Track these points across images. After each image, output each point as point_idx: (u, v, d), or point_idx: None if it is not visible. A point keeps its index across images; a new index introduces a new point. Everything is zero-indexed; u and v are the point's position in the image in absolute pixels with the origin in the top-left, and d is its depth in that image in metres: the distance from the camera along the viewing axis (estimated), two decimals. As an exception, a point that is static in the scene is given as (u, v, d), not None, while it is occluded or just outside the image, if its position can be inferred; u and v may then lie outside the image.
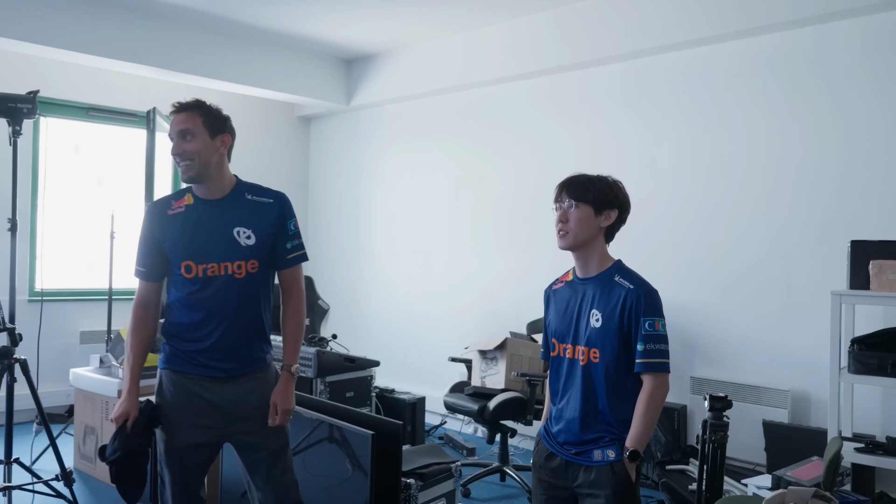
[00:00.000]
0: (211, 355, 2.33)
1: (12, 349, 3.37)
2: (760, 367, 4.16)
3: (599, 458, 2.08)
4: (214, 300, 2.31)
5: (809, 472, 3.23)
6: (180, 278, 2.33)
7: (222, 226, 2.33)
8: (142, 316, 2.40)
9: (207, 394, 2.33)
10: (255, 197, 2.39)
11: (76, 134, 6.01)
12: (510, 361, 4.28)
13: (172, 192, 2.43)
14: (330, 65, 6.44)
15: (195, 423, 2.32)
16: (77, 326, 5.74)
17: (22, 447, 4.17)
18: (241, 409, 2.35)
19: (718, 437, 2.77)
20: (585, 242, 2.14)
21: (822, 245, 3.95)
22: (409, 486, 3.18)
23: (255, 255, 2.34)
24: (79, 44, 4.98)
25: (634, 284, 2.09)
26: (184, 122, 2.33)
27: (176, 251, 2.33)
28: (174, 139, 2.33)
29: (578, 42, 4.89)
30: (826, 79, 3.98)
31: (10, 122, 3.55)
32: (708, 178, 4.42)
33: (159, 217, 2.37)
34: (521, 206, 5.40)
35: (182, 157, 2.30)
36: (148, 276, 2.39)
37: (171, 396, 2.35)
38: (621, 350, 2.07)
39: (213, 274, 2.30)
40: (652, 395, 2.04)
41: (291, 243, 2.42)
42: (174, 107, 2.37)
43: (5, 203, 3.68)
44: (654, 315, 2.05)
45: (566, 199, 2.14)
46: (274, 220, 2.38)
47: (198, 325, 2.33)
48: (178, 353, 2.36)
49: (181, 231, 2.33)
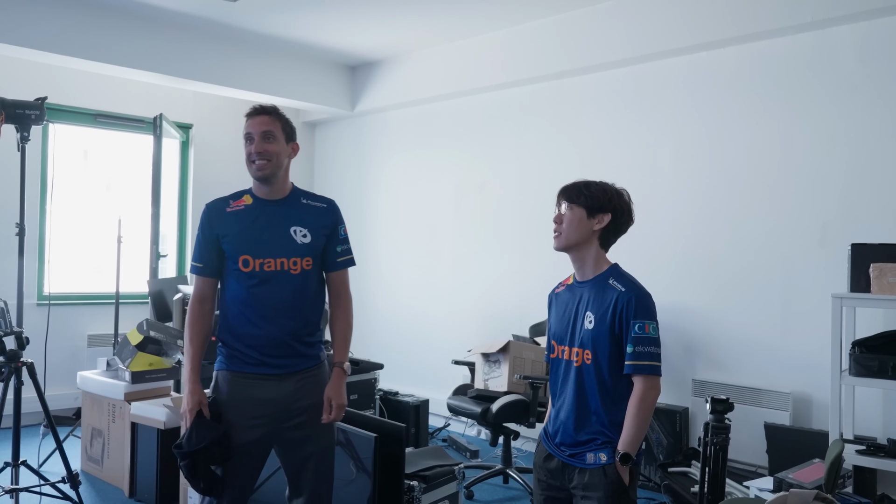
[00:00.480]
0: (267, 351, 2.39)
1: (19, 352, 3.40)
2: (761, 369, 4.17)
3: (592, 460, 2.10)
4: (270, 295, 2.39)
5: (811, 474, 3.24)
6: (237, 273, 2.40)
7: (280, 223, 2.43)
8: (199, 310, 2.46)
9: (263, 392, 2.39)
10: (310, 201, 2.52)
11: (84, 140, 6.07)
12: (513, 364, 4.30)
13: (230, 194, 2.51)
14: (334, 71, 6.49)
15: (249, 421, 2.37)
16: (85, 330, 5.79)
17: (29, 450, 4.21)
18: (296, 406, 2.41)
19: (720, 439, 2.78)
20: (578, 244, 2.18)
21: (823, 248, 3.97)
22: (413, 488, 3.20)
23: (310, 252, 2.44)
24: (86, 51, 5.04)
25: (626, 287, 2.11)
26: (267, 125, 2.42)
27: (234, 245, 2.40)
28: (256, 139, 2.40)
29: (580, 48, 4.92)
30: (826, 83, 4.00)
31: (19, 129, 3.59)
32: (708, 183, 4.45)
33: (218, 214, 2.45)
34: (523, 210, 5.43)
35: (261, 157, 2.39)
36: (205, 272, 2.46)
37: (226, 396, 2.41)
38: (613, 352, 2.10)
39: (269, 269, 2.39)
40: (642, 397, 2.06)
41: (341, 247, 2.55)
42: (255, 109, 2.45)
43: (14, 208, 3.73)
44: (645, 318, 2.07)
45: (562, 201, 2.21)
46: (328, 223, 2.50)
47: (254, 321, 2.39)
48: (234, 353, 2.42)
49: (241, 226, 2.41)
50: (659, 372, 2.08)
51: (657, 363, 2.08)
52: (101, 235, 6.00)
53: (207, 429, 2.34)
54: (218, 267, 2.46)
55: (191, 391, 2.37)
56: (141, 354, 4.16)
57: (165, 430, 3.82)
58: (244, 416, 2.38)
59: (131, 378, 4.12)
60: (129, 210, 5.89)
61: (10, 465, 3.40)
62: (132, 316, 5.63)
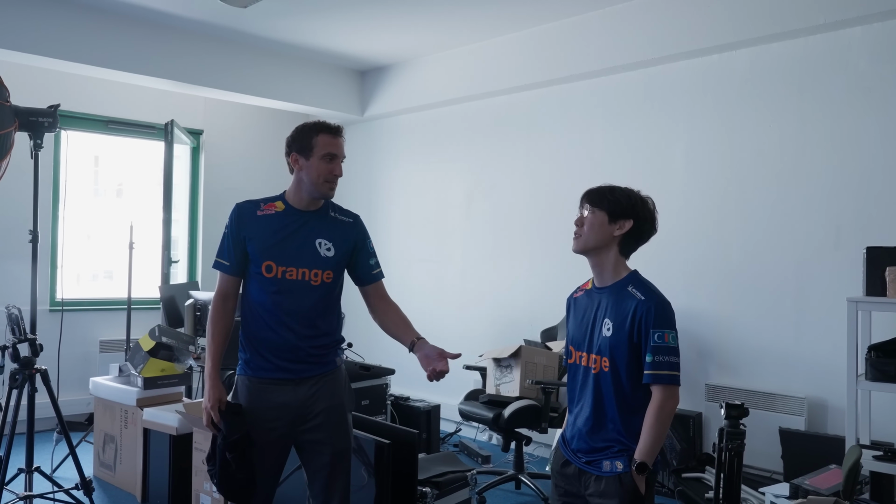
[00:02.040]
0: (283, 356, 2.43)
1: (33, 359, 3.42)
2: (776, 374, 4.14)
3: (608, 468, 2.09)
4: (289, 303, 2.42)
5: (827, 480, 3.21)
6: (260, 277, 2.43)
7: (307, 235, 2.46)
8: (222, 307, 2.48)
9: (281, 396, 2.43)
10: (337, 215, 2.55)
11: (96, 146, 6.10)
12: (525, 369, 4.29)
13: (260, 198, 2.53)
14: (344, 76, 6.50)
15: (267, 424, 2.41)
16: (97, 335, 5.81)
17: (42, 456, 4.23)
18: (312, 409, 2.45)
19: (735, 445, 2.76)
20: (597, 248, 2.17)
21: (837, 251, 3.94)
22: (426, 494, 3.20)
23: (331, 266, 2.47)
24: (98, 58, 5.07)
25: (646, 296, 2.09)
26: (343, 147, 2.49)
27: (260, 250, 2.43)
28: (335, 160, 2.44)
29: (590, 51, 4.91)
30: (839, 85, 3.97)
31: (32, 136, 3.60)
32: (721, 186, 4.42)
33: (248, 216, 2.48)
34: (534, 214, 5.41)
35: (336, 178, 2.45)
36: (230, 270, 2.48)
37: (245, 400, 2.45)
38: (631, 361, 2.08)
39: (291, 277, 2.42)
40: (660, 407, 2.04)
41: (374, 260, 2.60)
42: (339, 128, 2.48)
43: (27, 215, 3.74)
44: (664, 327, 2.05)
45: (585, 204, 2.20)
46: (354, 238, 2.54)
47: (272, 326, 2.42)
48: (254, 359, 2.46)
49: (268, 232, 2.44)
50: (678, 381, 2.06)
51: (676, 373, 2.05)
52: (113, 241, 6.03)
53: (236, 420, 2.38)
54: (242, 266, 2.48)
55: (211, 386, 2.41)
56: (153, 360, 4.17)
57: (178, 435, 3.82)
58: (262, 419, 2.42)
59: (143, 384, 4.13)
60: (140, 216, 5.91)
61: (24, 472, 3.42)
62: (144, 322, 5.65)
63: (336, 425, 2.48)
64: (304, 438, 2.47)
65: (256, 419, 2.42)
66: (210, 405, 2.40)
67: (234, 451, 2.35)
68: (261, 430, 2.41)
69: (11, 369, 3.38)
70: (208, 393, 2.41)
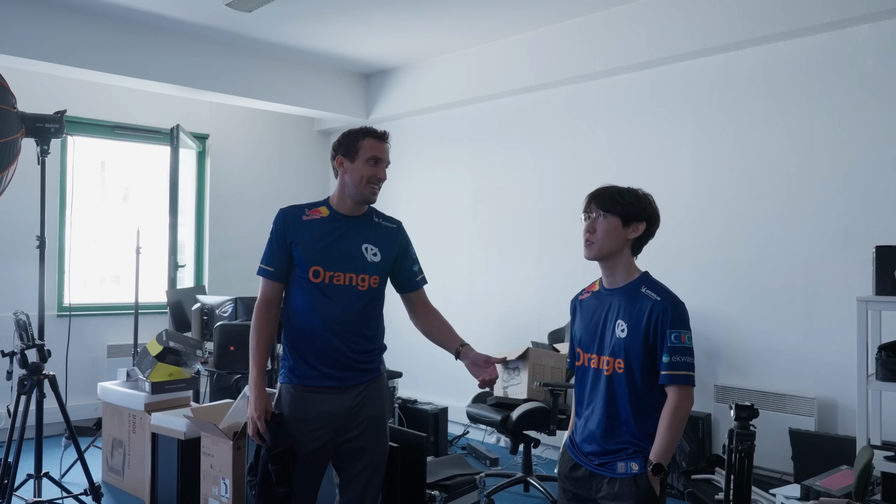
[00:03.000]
0: (329, 363, 2.41)
1: (41, 365, 3.42)
2: (785, 374, 4.12)
3: (623, 470, 2.07)
4: (336, 308, 2.40)
5: (839, 481, 3.18)
6: (307, 282, 2.41)
7: (354, 240, 2.46)
8: (266, 315, 2.46)
9: (326, 404, 2.40)
10: (381, 221, 2.57)
11: (102, 151, 6.12)
12: (532, 371, 4.27)
13: (304, 203, 2.53)
14: (349, 79, 6.51)
15: (311, 433, 2.39)
16: (104, 340, 5.83)
17: (51, 461, 4.24)
18: (357, 418, 2.43)
19: (745, 446, 2.74)
20: (612, 253, 2.14)
21: (846, 251, 3.92)
22: (434, 497, 3.19)
23: (377, 271, 2.48)
24: (104, 64, 5.08)
25: (661, 296, 2.07)
26: (388, 152, 2.50)
27: (307, 255, 2.41)
28: (379, 164, 2.45)
29: (595, 52, 4.90)
30: (847, 84, 3.95)
31: (39, 142, 3.61)
32: (728, 186, 4.40)
33: (294, 221, 2.46)
34: (541, 215, 5.40)
35: (380, 183, 2.47)
36: (274, 276, 2.46)
37: (289, 408, 2.43)
38: (646, 362, 2.06)
39: (338, 283, 2.41)
40: (676, 407, 2.02)
41: (417, 266, 2.63)
42: (385, 133, 2.49)
43: (34, 221, 3.75)
44: (681, 327, 2.04)
45: (594, 209, 2.15)
46: (399, 244, 2.57)
47: (318, 333, 2.40)
48: (299, 366, 2.44)
49: (315, 237, 2.43)
50: (693, 382, 2.05)
51: (692, 373, 2.04)
52: (119, 246, 6.04)
53: (281, 431, 2.36)
54: (287, 273, 2.46)
55: (257, 396, 2.38)
56: (161, 365, 4.17)
57: (186, 440, 3.82)
58: (305, 428, 2.39)
59: (151, 389, 4.13)
60: (146, 221, 5.92)
61: (32, 478, 3.42)
62: (151, 326, 5.66)
63: (377, 433, 2.47)
64: (346, 447, 2.44)
65: (300, 428, 2.39)
66: (256, 415, 2.36)
67: (276, 463, 2.32)
68: (304, 439, 2.38)
69: (20, 375, 3.38)
70: (254, 403, 2.38)
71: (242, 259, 6.37)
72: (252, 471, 2.40)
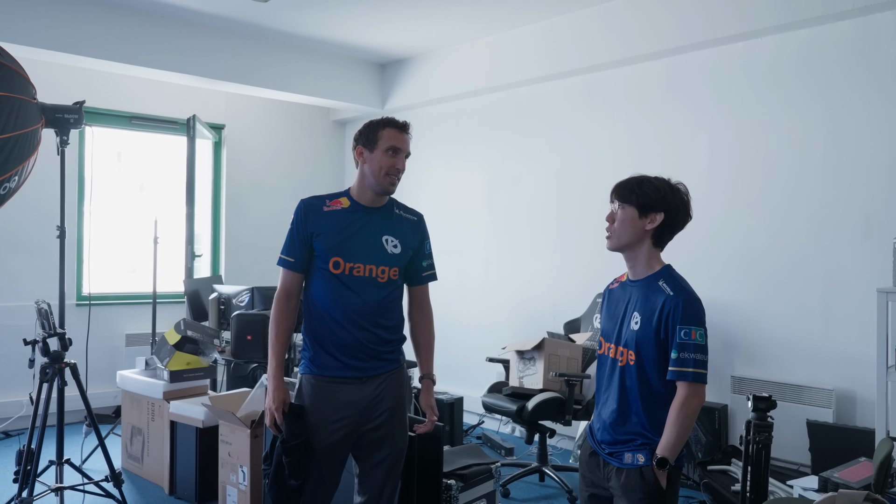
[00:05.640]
0: (350, 354, 2.42)
1: (62, 354, 3.46)
2: (803, 365, 4.09)
3: (630, 461, 2.07)
4: (356, 299, 2.41)
5: (857, 473, 3.17)
6: (327, 273, 2.42)
7: (375, 231, 2.47)
8: (286, 306, 2.47)
9: (347, 395, 2.42)
10: (402, 213, 2.58)
11: (118, 142, 6.16)
12: (548, 361, 4.27)
13: (325, 194, 2.55)
14: (364, 69, 6.50)
15: (332, 424, 2.40)
16: (123, 329, 5.89)
17: (72, 448, 4.29)
18: (378, 408, 2.45)
19: (763, 437, 2.73)
20: (630, 244, 2.13)
21: (866, 241, 3.88)
22: (451, 487, 3.20)
23: (398, 263, 2.49)
24: (121, 54, 5.11)
25: (675, 291, 2.05)
26: (408, 143, 2.50)
27: (327, 246, 2.42)
28: (398, 154, 2.45)
29: (612, 41, 4.86)
30: (868, 72, 3.89)
31: (58, 133, 3.63)
32: (747, 176, 4.36)
33: (315, 212, 2.46)
34: (557, 205, 5.38)
35: (399, 173, 2.46)
36: (295, 267, 2.47)
37: (309, 399, 2.43)
38: (658, 356, 2.05)
39: (358, 274, 2.42)
40: (683, 404, 2.00)
41: (427, 262, 2.63)
42: (404, 124, 2.50)
43: (54, 211, 3.79)
44: (691, 324, 2.01)
45: (614, 200, 2.15)
46: (418, 237, 2.58)
47: (340, 322, 2.41)
48: (319, 357, 2.44)
49: (336, 228, 2.43)
50: (704, 379, 2.02)
51: (702, 370, 2.01)
52: (137, 236, 6.09)
53: (298, 424, 2.37)
54: (307, 263, 2.47)
55: (276, 387, 2.39)
56: (179, 354, 4.21)
57: (204, 428, 3.87)
58: (327, 418, 2.40)
59: (169, 377, 4.17)
60: (162, 210, 5.96)
61: (54, 464, 3.47)
62: (169, 315, 5.71)
63: (398, 424, 2.48)
64: (366, 437, 2.45)
65: (321, 418, 2.40)
66: (275, 406, 2.38)
67: (291, 455, 2.34)
68: (325, 429, 2.39)
69: (41, 363, 3.42)
70: (272, 394, 2.39)
71: (258, 249, 6.40)
72: (267, 460, 2.42)
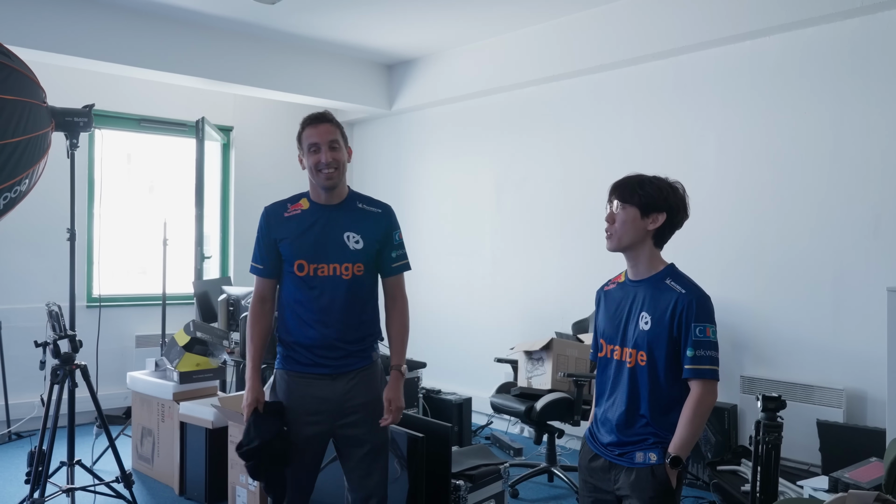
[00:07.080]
0: (320, 352, 2.47)
1: (73, 355, 3.48)
2: (813, 365, 4.07)
3: (641, 460, 2.06)
4: (323, 298, 2.46)
5: (868, 473, 3.15)
6: (292, 276, 2.48)
7: (335, 230, 2.49)
8: (260, 310, 2.55)
9: (318, 391, 2.47)
10: (365, 206, 2.58)
11: (128, 144, 6.19)
12: (556, 362, 4.27)
13: (287, 197, 2.58)
14: (372, 70, 6.51)
15: (307, 417, 2.46)
16: (133, 331, 5.92)
17: (83, 449, 4.31)
18: (350, 404, 2.48)
19: (772, 437, 2.72)
20: (632, 244, 2.12)
21: (876, 240, 3.86)
22: (459, 487, 3.20)
23: (361, 258, 2.50)
24: (130, 58, 5.14)
25: (686, 289, 2.05)
26: (332, 133, 2.49)
27: (291, 250, 2.47)
28: (323, 149, 2.46)
29: (619, 41, 4.85)
30: (877, 70, 3.87)
31: (68, 136, 3.65)
32: (755, 174, 4.35)
33: (276, 218, 2.53)
34: (565, 205, 5.38)
35: (330, 166, 2.45)
36: (265, 273, 2.54)
37: (284, 395, 2.50)
38: (670, 355, 2.05)
39: (322, 274, 2.46)
40: (699, 402, 2.01)
41: (396, 253, 2.60)
42: (316, 117, 2.51)
43: (64, 213, 3.81)
44: (705, 321, 2.02)
45: (614, 200, 2.13)
46: (382, 230, 2.56)
47: (308, 323, 2.46)
48: (291, 354, 2.51)
49: (297, 231, 2.49)
50: (717, 377, 2.03)
51: (716, 368, 2.02)
52: (146, 237, 6.12)
53: (266, 424, 2.42)
54: (276, 269, 2.53)
55: (250, 388, 2.46)
56: (188, 355, 4.24)
57: (213, 429, 3.88)
58: (302, 413, 2.46)
59: (179, 378, 4.19)
60: (172, 213, 5.99)
61: (65, 465, 3.49)
62: (178, 317, 5.73)
63: (374, 420, 2.50)
64: (343, 433, 2.50)
65: (297, 412, 2.46)
66: (248, 403, 2.46)
67: (248, 459, 2.41)
68: (302, 424, 2.45)
69: (52, 365, 3.45)
70: (247, 394, 2.47)
71: (267, 250, 6.41)
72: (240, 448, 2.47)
